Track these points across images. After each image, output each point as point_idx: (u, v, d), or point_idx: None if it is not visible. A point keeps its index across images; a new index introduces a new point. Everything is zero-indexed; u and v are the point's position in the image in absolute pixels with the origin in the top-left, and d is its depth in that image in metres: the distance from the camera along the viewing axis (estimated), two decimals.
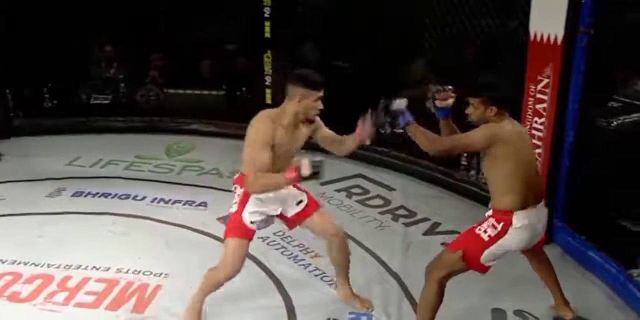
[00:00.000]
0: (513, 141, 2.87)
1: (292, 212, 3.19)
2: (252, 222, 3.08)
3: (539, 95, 3.90)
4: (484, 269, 3.02)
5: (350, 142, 3.15)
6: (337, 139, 3.20)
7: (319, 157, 2.87)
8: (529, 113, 3.99)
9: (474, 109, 2.96)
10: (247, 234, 3.09)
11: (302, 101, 2.94)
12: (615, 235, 3.65)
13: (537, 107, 3.92)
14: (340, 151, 3.25)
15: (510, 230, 2.89)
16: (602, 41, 3.58)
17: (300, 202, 3.19)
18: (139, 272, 3.65)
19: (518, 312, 3.34)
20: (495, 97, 2.92)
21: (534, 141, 3.97)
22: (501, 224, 2.90)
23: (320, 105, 2.97)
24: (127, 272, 3.65)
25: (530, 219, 2.92)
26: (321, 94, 2.95)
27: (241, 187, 3.09)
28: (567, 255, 3.82)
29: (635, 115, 3.86)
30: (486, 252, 2.93)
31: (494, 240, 2.91)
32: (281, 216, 3.21)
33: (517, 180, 2.87)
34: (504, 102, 2.93)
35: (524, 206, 2.90)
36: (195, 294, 3.20)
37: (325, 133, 3.19)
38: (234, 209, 3.11)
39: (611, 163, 3.72)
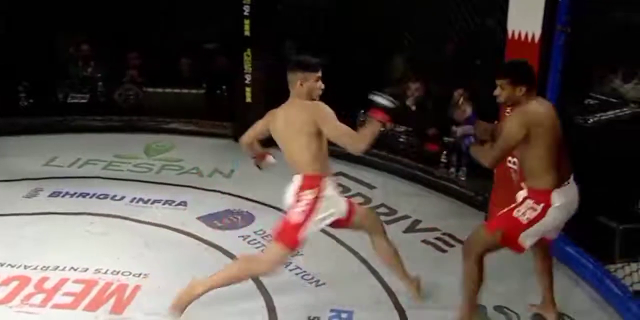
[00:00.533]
0: (545, 121, 2.88)
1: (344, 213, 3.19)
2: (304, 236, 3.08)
3: None
4: (521, 250, 3.04)
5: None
6: None
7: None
8: (507, 111, 4.01)
9: (502, 90, 2.97)
10: (297, 246, 3.11)
11: (303, 84, 3.05)
12: (593, 231, 3.69)
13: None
14: None
15: (550, 211, 2.92)
16: (579, 39, 3.62)
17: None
18: (118, 273, 3.61)
19: (498, 308, 3.36)
20: (523, 76, 2.93)
21: None
22: (541, 205, 2.91)
23: (321, 85, 3.09)
24: (105, 273, 3.61)
25: (568, 197, 2.95)
26: (319, 73, 3.07)
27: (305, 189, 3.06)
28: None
29: (611, 112, 3.91)
30: (523, 234, 2.95)
31: (532, 222, 2.93)
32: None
33: (553, 159, 2.89)
34: (532, 81, 2.94)
35: (559, 184, 2.92)
36: (207, 279, 3.13)
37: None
38: (299, 217, 3.06)
39: (588, 160, 3.76)
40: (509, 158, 4.04)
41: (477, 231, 3.12)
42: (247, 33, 5.45)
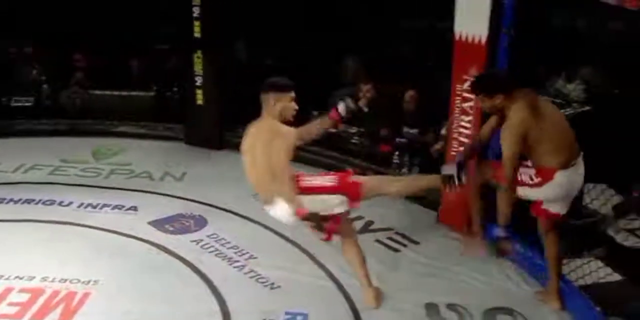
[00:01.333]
0: (532, 122, 2.99)
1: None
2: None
3: (465, 94, 4.00)
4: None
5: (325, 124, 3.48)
6: (307, 128, 3.42)
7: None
8: (456, 111, 4.09)
9: (483, 103, 3.13)
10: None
11: (276, 104, 3.12)
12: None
13: (464, 105, 4.02)
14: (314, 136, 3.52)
15: (547, 184, 3.05)
16: (524, 41, 3.71)
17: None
18: (65, 280, 3.52)
19: (450, 306, 3.41)
20: (493, 87, 3.06)
21: (462, 138, 4.08)
22: (539, 178, 3.06)
23: (295, 105, 3.17)
24: (52, 281, 3.51)
25: (570, 177, 3.06)
26: (292, 94, 3.15)
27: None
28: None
29: None
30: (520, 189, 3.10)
31: (524, 184, 3.09)
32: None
33: (555, 143, 3.01)
34: (503, 87, 3.05)
35: (565, 165, 3.04)
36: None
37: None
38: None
39: None
40: None
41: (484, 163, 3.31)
42: (197, 34, 5.39)
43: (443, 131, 4.59)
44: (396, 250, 4.04)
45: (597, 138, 3.54)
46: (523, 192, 3.15)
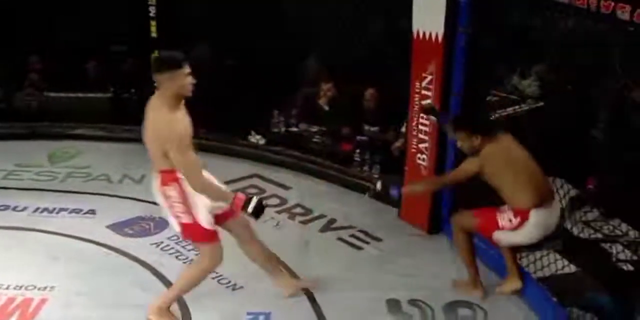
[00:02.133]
0: (501, 155, 3.19)
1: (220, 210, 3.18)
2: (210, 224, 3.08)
3: (423, 92, 4.04)
4: (494, 244, 3.35)
5: None
6: None
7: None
8: (415, 109, 4.12)
9: (462, 142, 3.28)
10: (214, 235, 3.12)
11: (174, 82, 2.93)
12: None
13: (423, 103, 4.06)
14: None
15: (526, 225, 3.18)
16: (481, 39, 3.76)
17: None
18: (21, 287, 3.43)
19: (412, 301, 3.44)
20: (475, 127, 3.23)
21: (421, 135, 4.12)
22: (518, 219, 3.20)
23: (191, 79, 2.97)
24: (7, 288, 3.42)
25: (547, 218, 3.21)
26: (188, 69, 2.96)
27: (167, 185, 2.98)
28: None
29: (511, 108, 4.10)
30: (496, 233, 3.26)
31: (506, 229, 3.22)
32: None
33: (524, 183, 3.16)
34: (484, 129, 3.23)
35: (539, 204, 3.17)
36: (168, 293, 3.18)
37: None
38: (186, 219, 3.02)
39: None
40: (418, 155, 4.16)
41: (465, 211, 3.45)
42: (153, 34, 5.31)
43: (403, 129, 4.62)
44: (359, 247, 4.05)
45: (551, 133, 3.61)
46: (506, 238, 3.28)
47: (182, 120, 2.96)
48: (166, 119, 2.92)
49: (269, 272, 3.43)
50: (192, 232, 3.07)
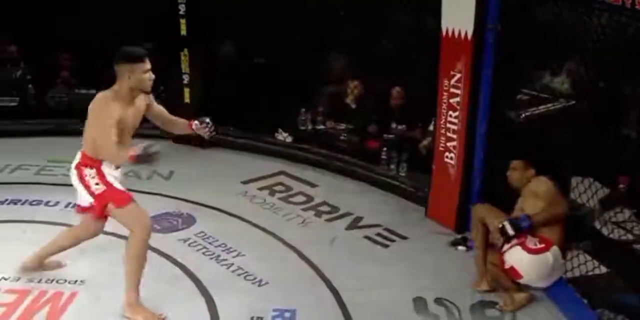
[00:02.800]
0: (551, 191, 3.30)
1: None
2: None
3: (452, 90, 4.01)
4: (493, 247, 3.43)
5: (182, 128, 3.46)
6: (169, 118, 3.43)
7: (156, 146, 3.14)
8: (444, 107, 4.10)
9: (513, 171, 3.36)
10: (131, 198, 3.23)
11: (131, 76, 3.04)
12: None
13: (451, 101, 4.03)
14: (172, 131, 3.54)
15: (542, 254, 3.24)
16: (510, 36, 3.72)
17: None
18: (52, 281, 3.49)
19: (438, 300, 3.42)
20: (536, 161, 3.32)
21: (449, 134, 4.09)
22: (542, 244, 3.25)
23: (151, 75, 3.08)
24: (39, 281, 3.48)
25: (555, 261, 3.28)
26: (147, 64, 3.07)
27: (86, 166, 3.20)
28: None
29: (543, 107, 4.04)
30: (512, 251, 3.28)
31: (527, 248, 3.25)
32: None
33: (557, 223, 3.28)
34: (539, 167, 3.31)
35: (560, 244, 3.29)
36: (127, 285, 3.18)
37: (156, 109, 3.37)
38: (102, 187, 3.17)
39: (521, 152, 3.87)
40: (446, 153, 4.13)
41: (493, 207, 3.47)
42: (183, 33, 5.37)
43: (431, 127, 4.59)
44: (385, 245, 4.04)
45: (583, 132, 3.55)
46: (520, 257, 3.26)
47: (116, 109, 3.07)
48: (99, 100, 3.09)
49: (38, 257, 3.50)
50: (111, 197, 3.14)
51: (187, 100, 5.53)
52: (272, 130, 5.47)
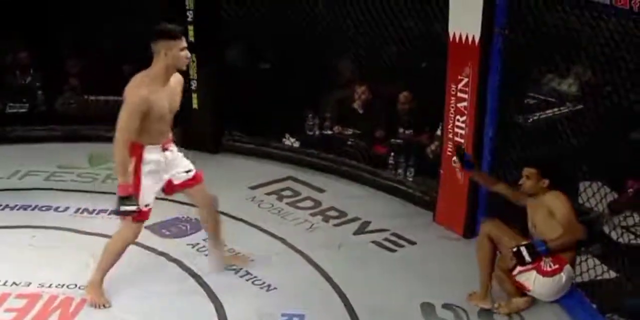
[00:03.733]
0: (565, 207, 3.23)
1: (179, 179, 3.39)
2: (146, 205, 3.26)
3: (459, 94, 4.01)
4: (504, 270, 3.39)
5: None
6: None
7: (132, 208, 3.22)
8: (451, 111, 4.10)
9: (527, 179, 3.25)
10: (147, 217, 3.36)
11: (167, 53, 3.05)
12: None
13: (459, 105, 4.04)
14: None
15: (556, 276, 3.23)
16: (518, 40, 3.72)
17: (189, 171, 3.41)
18: (63, 286, 3.52)
19: (446, 306, 3.41)
20: (550, 171, 3.22)
21: (457, 138, 4.09)
22: (556, 265, 3.22)
23: (187, 54, 3.09)
24: (50, 286, 3.50)
25: (567, 280, 3.27)
26: (184, 42, 3.09)
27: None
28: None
29: (550, 111, 4.04)
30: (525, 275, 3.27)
31: (541, 270, 3.23)
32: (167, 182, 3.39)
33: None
34: (556, 178, 3.23)
35: (572, 262, 3.28)
36: (97, 268, 3.36)
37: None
38: (130, 179, 3.25)
39: (529, 157, 3.87)
40: (454, 158, 4.13)
41: (504, 225, 3.40)
42: (191, 39, 5.39)
43: (438, 132, 4.60)
44: (393, 250, 4.04)
45: (591, 135, 3.55)
46: (534, 278, 3.25)
47: (150, 89, 3.09)
48: (136, 83, 3.12)
49: (212, 240, 3.60)
50: (125, 192, 3.21)
51: (195, 106, 5.55)
52: (279, 136, 5.49)
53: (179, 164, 3.40)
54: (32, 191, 4.76)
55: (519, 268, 3.25)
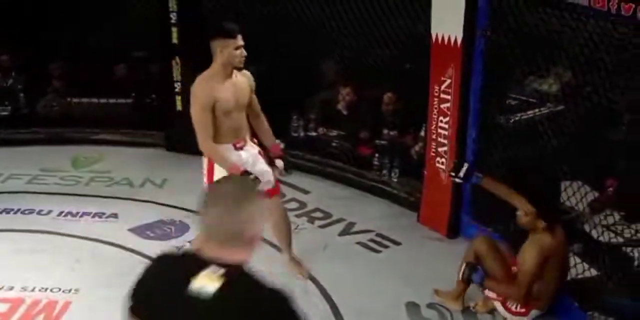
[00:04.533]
0: (556, 254, 3.15)
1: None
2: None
3: (442, 95, 4.04)
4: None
5: (264, 133, 3.56)
6: (256, 111, 3.47)
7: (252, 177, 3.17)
8: (434, 112, 4.13)
9: (525, 216, 3.16)
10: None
11: (223, 51, 3.12)
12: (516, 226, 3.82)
13: (442, 106, 4.07)
14: (255, 128, 3.53)
15: (528, 317, 3.21)
16: (499, 42, 3.76)
17: (268, 181, 3.42)
18: (46, 290, 3.50)
19: (431, 305, 3.44)
20: (550, 213, 3.15)
21: (440, 139, 4.12)
22: (524, 309, 3.21)
23: (242, 52, 3.16)
24: (33, 290, 3.49)
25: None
26: (239, 41, 3.15)
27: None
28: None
29: (531, 112, 4.08)
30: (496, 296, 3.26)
31: (507, 307, 3.23)
32: None
33: (554, 286, 3.19)
34: (554, 220, 3.16)
35: (542, 307, 3.22)
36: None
37: (253, 98, 3.42)
38: (204, 179, 3.33)
39: (511, 157, 3.91)
40: (437, 159, 4.16)
41: (494, 244, 3.37)
42: (175, 41, 5.38)
43: (422, 133, 4.63)
44: (378, 251, 4.06)
45: (571, 135, 3.60)
46: (497, 306, 3.29)
47: (212, 84, 3.16)
48: (198, 80, 3.20)
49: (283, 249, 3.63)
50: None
51: (179, 108, 5.53)
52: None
53: (258, 166, 3.40)
54: (15, 194, 4.73)
55: (487, 292, 3.29)
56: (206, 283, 1.54)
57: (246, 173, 3.16)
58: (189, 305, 1.54)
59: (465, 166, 3.35)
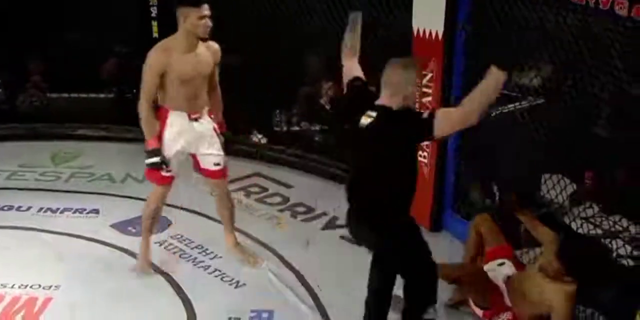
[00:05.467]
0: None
1: (205, 165, 3.55)
2: (168, 170, 3.40)
3: (424, 89, 4.05)
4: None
5: (214, 105, 3.61)
6: (213, 84, 3.52)
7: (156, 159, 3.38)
8: (416, 106, 4.13)
9: (525, 220, 3.29)
10: (167, 181, 3.51)
11: (186, 20, 3.12)
12: (500, 220, 3.86)
13: (423, 100, 4.08)
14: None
15: None
16: (481, 36, 3.77)
17: (217, 164, 3.53)
18: (26, 286, 3.46)
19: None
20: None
21: None
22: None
23: (206, 22, 3.14)
24: (12, 287, 3.45)
25: None
26: (204, 11, 3.14)
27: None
28: (455, 240, 3.99)
29: (511, 105, 4.10)
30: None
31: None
32: (193, 156, 3.54)
33: None
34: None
35: None
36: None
37: (214, 72, 3.45)
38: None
39: (492, 152, 3.94)
40: (419, 152, 4.17)
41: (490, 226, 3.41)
42: (155, 35, 5.33)
43: None
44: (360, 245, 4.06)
45: (550, 129, 3.63)
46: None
47: (158, 59, 3.18)
48: (157, 45, 3.25)
49: (226, 230, 3.74)
50: (150, 173, 3.39)
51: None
52: (246, 132, 5.47)
53: (208, 143, 3.47)
54: None
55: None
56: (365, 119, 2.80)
57: (154, 153, 3.30)
58: (359, 131, 2.80)
59: None
